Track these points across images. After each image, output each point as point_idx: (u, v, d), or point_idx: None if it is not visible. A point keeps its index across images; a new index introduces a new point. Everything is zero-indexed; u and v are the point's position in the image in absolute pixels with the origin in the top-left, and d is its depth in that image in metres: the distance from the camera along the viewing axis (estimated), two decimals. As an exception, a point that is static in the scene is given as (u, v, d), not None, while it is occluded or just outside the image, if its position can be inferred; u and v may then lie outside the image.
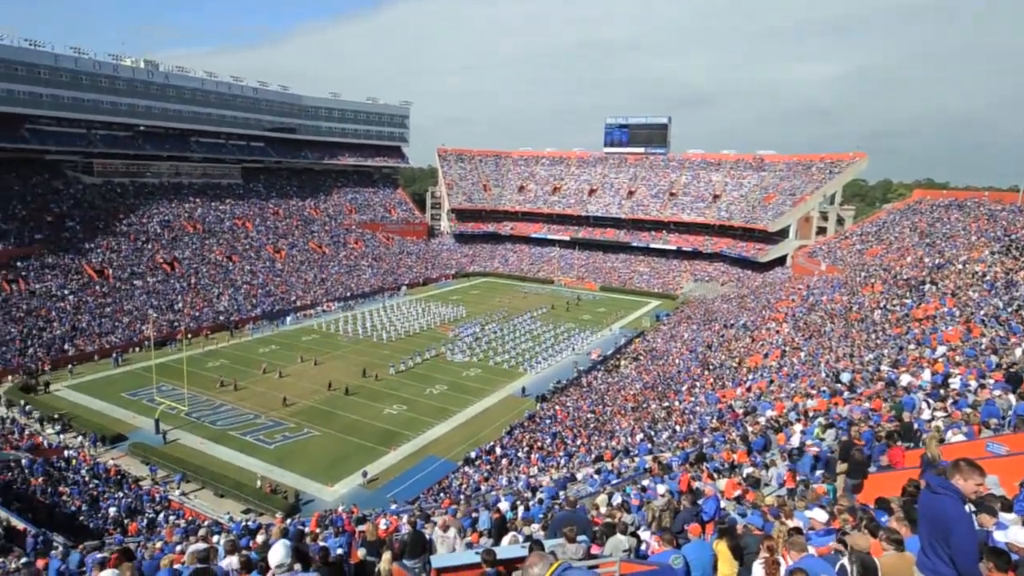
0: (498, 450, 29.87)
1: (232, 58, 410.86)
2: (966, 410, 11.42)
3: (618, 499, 12.57)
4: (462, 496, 22.62)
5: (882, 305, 29.01)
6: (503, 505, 15.30)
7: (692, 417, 26.09)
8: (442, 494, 25.06)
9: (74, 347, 43.40)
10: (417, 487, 27.24)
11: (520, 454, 28.92)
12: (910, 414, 12.51)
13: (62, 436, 31.48)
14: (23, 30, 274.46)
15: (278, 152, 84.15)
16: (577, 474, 21.34)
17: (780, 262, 68.69)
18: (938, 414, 12.17)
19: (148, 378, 38.01)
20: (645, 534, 8.94)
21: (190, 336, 48.08)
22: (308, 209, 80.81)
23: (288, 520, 18.29)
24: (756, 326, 40.19)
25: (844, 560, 4.87)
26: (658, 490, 10.34)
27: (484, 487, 24.82)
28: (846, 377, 20.01)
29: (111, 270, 53.11)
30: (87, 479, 25.86)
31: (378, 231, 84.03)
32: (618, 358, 46.60)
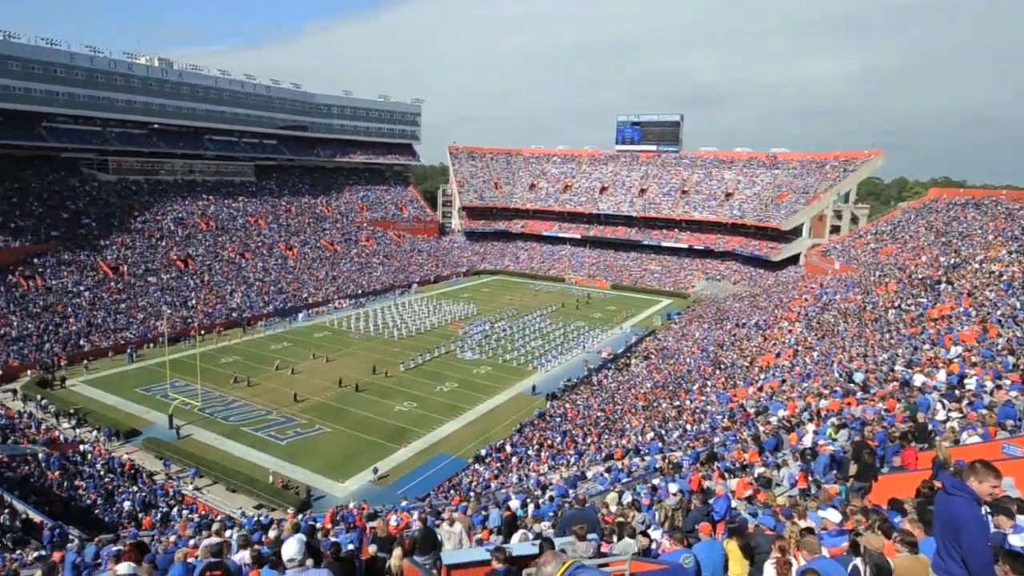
0: (508, 448, 29.90)
1: (243, 57, 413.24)
2: (982, 411, 11.29)
3: (628, 498, 12.56)
4: (472, 493, 22.68)
5: (896, 305, 28.72)
6: (513, 503, 15.33)
7: (703, 416, 25.96)
8: (452, 491, 25.14)
9: (89, 343, 43.95)
10: (427, 484, 27.33)
11: (530, 452, 28.94)
12: (924, 415, 12.40)
13: (77, 430, 31.94)
14: (40, 29, 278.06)
15: (290, 150, 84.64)
16: (587, 472, 21.33)
17: (793, 261, 68.15)
18: (953, 415, 12.05)
19: (162, 374, 38.41)
20: (655, 533, 8.93)
21: (203, 332, 48.52)
22: (320, 207, 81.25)
23: (300, 516, 18.44)
24: (768, 325, 39.95)
25: (857, 561, 4.84)
26: (670, 489, 10.31)
27: (494, 485, 24.86)
28: (859, 377, 19.83)
29: (126, 267, 53.72)
30: (102, 473, 26.21)
31: (389, 229, 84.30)
32: (629, 356, 46.48)
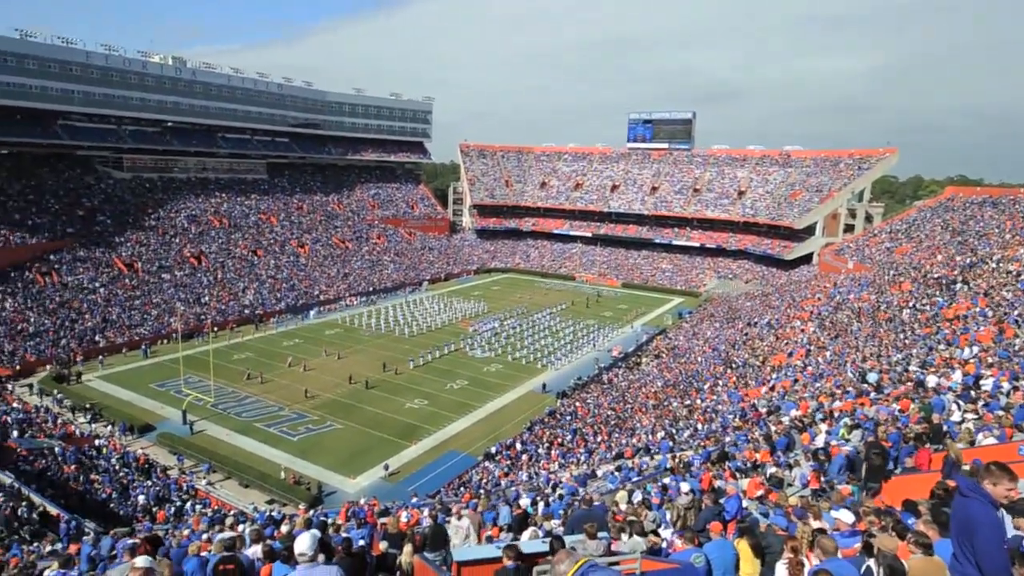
0: (518, 446, 29.92)
1: (244, 57, 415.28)
2: (998, 412, 11.16)
3: (639, 496, 12.53)
4: (482, 491, 22.73)
5: (911, 304, 28.41)
6: (523, 501, 15.35)
7: (714, 416, 25.84)
8: (462, 488, 25.21)
9: (105, 339, 44.45)
10: (438, 481, 27.43)
11: (540, 450, 28.95)
12: (939, 416, 12.26)
13: (93, 425, 32.33)
14: (55, 28, 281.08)
15: (302, 148, 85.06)
16: (597, 471, 21.30)
17: (806, 260, 67.61)
18: (969, 416, 11.91)
19: (176, 370, 38.77)
20: (666, 532, 8.90)
21: (216, 329, 48.94)
22: (331, 204, 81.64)
23: (311, 511, 18.57)
24: (780, 324, 39.66)
25: (870, 562, 4.80)
26: (682, 488, 10.27)
27: (504, 482, 24.90)
28: (873, 377, 19.64)
29: (140, 263, 54.27)
30: (117, 467, 26.53)
31: (400, 226, 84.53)
32: (639, 355, 46.33)
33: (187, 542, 11.49)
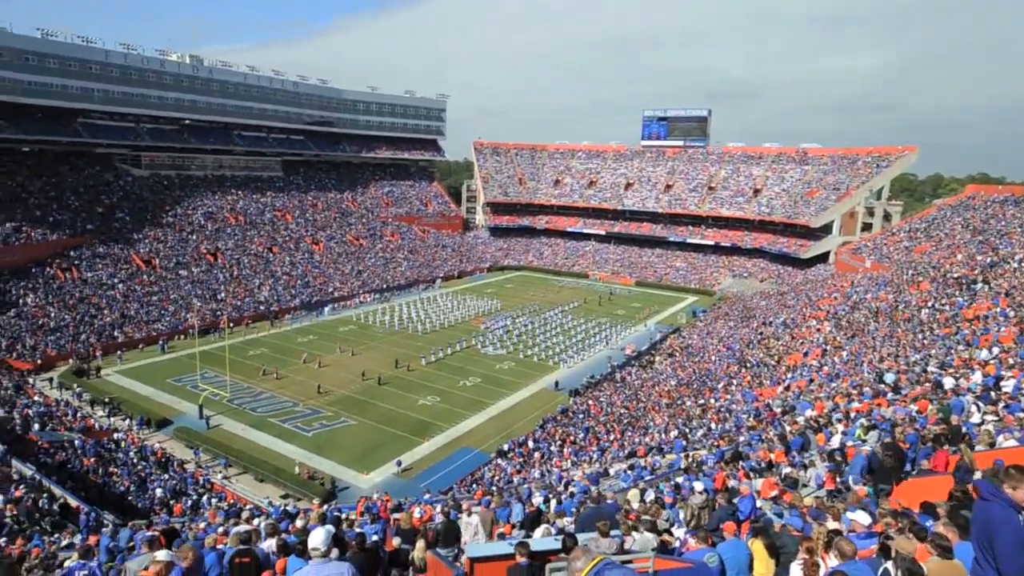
0: (531, 443, 29.93)
1: (250, 55, 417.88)
2: (1019, 414, 10.98)
3: (651, 495, 12.49)
4: (494, 488, 22.77)
5: (930, 304, 28.01)
6: (536, 499, 15.36)
7: (728, 415, 25.68)
8: (475, 485, 25.26)
9: (123, 334, 45.09)
10: (450, 478, 27.51)
11: (553, 448, 28.94)
12: (958, 417, 12.08)
13: (111, 419, 32.80)
14: (76, 28, 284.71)
15: (317, 145, 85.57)
16: (610, 469, 21.26)
17: (823, 259, 66.87)
18: (989, 418, 11.73)
19: (192, 365, 39.25)
20: (679, 531, 8.87)
21: (232, 325, 49.41)
22: (346, 202, 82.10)
23: (325, 506, 18.70)
24: (796, 324, 39.30)
25: (888, 564, 4.74)
26: (695, 488, 10.22)
27: (516, 479, 24.93)
28: (890, 378, 19.39)
29: (158, 260, 54.96)
30: (135, 461, 26.90)
31: (414, 224, 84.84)
32: (653, 354, 46.13)
33: (203, 535, 11.65)
